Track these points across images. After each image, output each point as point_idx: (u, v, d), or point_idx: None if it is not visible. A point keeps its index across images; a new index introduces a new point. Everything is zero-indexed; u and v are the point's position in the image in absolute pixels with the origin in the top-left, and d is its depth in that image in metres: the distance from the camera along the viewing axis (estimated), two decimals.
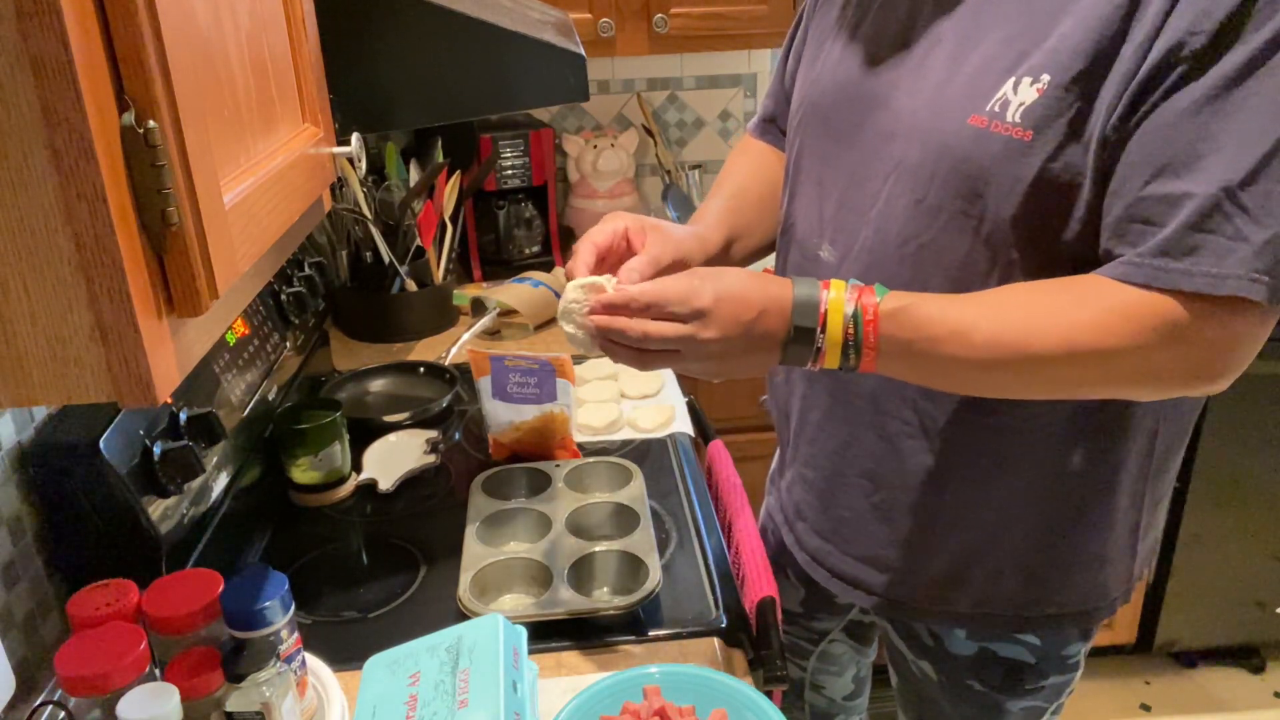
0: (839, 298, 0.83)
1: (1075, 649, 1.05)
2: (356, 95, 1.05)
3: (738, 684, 0.94)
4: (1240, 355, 0.80)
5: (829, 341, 0.83)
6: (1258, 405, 1.99)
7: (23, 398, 0.56)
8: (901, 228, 0.91)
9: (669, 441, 1.49)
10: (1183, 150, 0.75)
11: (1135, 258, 0.78)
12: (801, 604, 1.28)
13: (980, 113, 0.84)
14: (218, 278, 0.60)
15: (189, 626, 0.85)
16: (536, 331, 1.90)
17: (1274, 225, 0.74)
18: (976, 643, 1.04)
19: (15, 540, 0.99)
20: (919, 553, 1.01)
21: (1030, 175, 0.82)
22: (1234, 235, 0.74)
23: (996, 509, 0.97)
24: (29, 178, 0.51)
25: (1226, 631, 2.24)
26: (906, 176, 0.90)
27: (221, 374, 1.23)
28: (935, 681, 1.10)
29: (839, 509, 1.06)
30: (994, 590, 1.00)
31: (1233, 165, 0.74)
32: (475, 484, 1.31)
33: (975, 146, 0.84)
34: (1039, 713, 1.10)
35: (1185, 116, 0.75)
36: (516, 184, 2.12)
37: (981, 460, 0.95)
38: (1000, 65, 0.84)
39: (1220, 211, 0.74)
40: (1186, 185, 0.75)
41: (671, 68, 2.29)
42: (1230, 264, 0.75)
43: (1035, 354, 0.81)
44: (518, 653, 0.91)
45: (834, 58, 1.02)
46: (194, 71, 0.59)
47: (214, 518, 1.17)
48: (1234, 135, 0.74)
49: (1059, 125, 0.80)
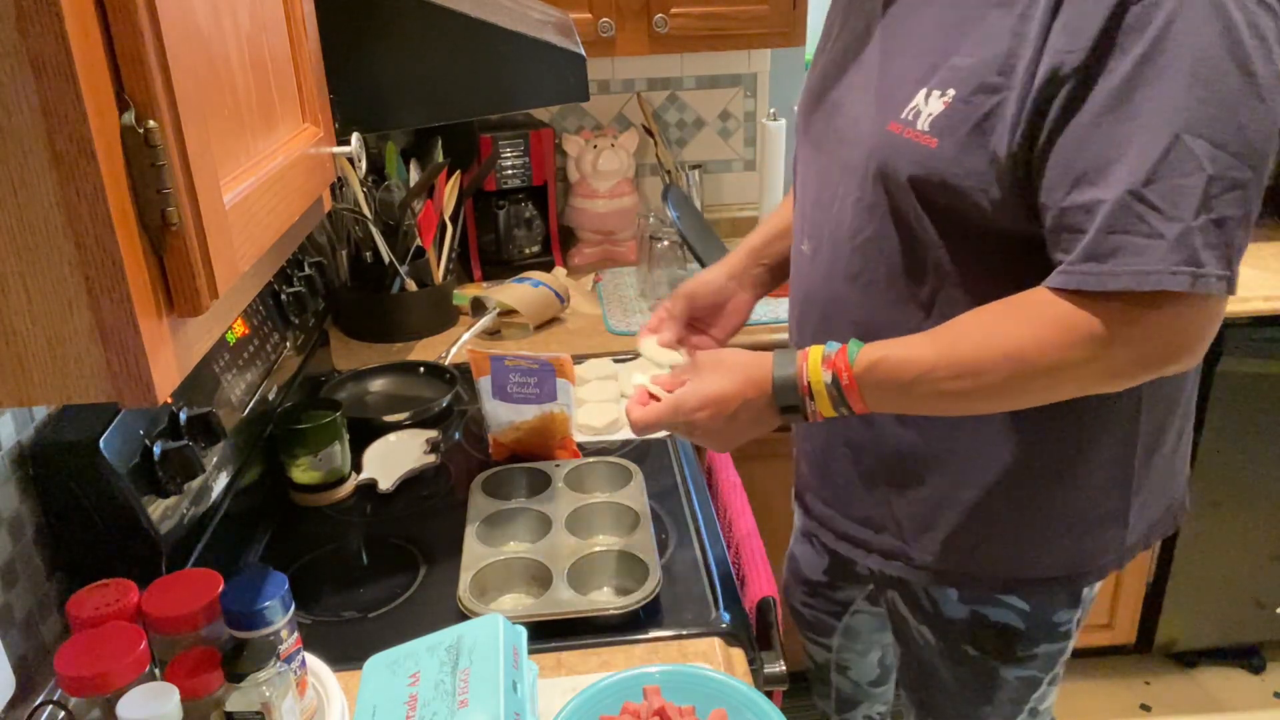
0: (816, 368, 0.94)
1: (1065, 616, 1.08)
2: (356, 95, 1.05)
3: (738, 684, 0.94)
4: (1192, 338, 0.83)
5: (820, 407, 0.95)
6: (1258, 405, 1.99)
7: (23, 398, 0.56)
8: (850, 223, 1.00)
9: (669, 441, 1.49)
10: (1093, 160, 0.81)
11: (1067, 265, 0.83)
12: (825, 572, 1.33)
13: (897, 120, 0.92)
14: (218, 277, 0.60)
15: (189, 626, 0.85)
16: (536, 331, 1.90)
17: (1185, 218, 0.78)
18: (968, 605, 1.08)
19: (15, 540, 0.99)
20: (905, 515, 1.07)
21: (938, 179, 0.89)
22: (1148, 233, 0.79)
23: (974, 474, 1.01)
24: (29, 178, 0.51)
25: (1226, 631, 2.24)
26: (851, 177, 0.99)
27: (221, 374, 1.23)
28: (935, 647, 1.13)
29: (834, 476, 1.13)
30: (979, 550, 1.04)
31: (1136, 167, 0.78)
32: (475, 484, 1.31)
33: (893, 151, 0.93)
34: (1034, 684, 1.12)
35: (1089, 129, 0.81)
36: (516, 184, 2.12)
37: (955, 430, 1.00)
38: (914, 77, 0.91)
39: (1131, 212, 0.79)
40: (1099, 192, 0.80)
41: (671, 68, 2.29)
42: (1151, 260, 0.79)
43: (992, 382, 0.87)
44: (518, 653, 0.91)
45: (817, 68, 1.10)
46: (194, 71, 0.59)
47: (214, 518, 1.17)
48: (1134, 139, 0.79)
49: (961, 135, 0.87)
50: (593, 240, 2.28)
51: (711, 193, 2.41)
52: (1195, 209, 0.78)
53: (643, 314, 1.95)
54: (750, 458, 1.80)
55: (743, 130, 2.36)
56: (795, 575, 1.41)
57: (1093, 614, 2.17)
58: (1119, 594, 2.17)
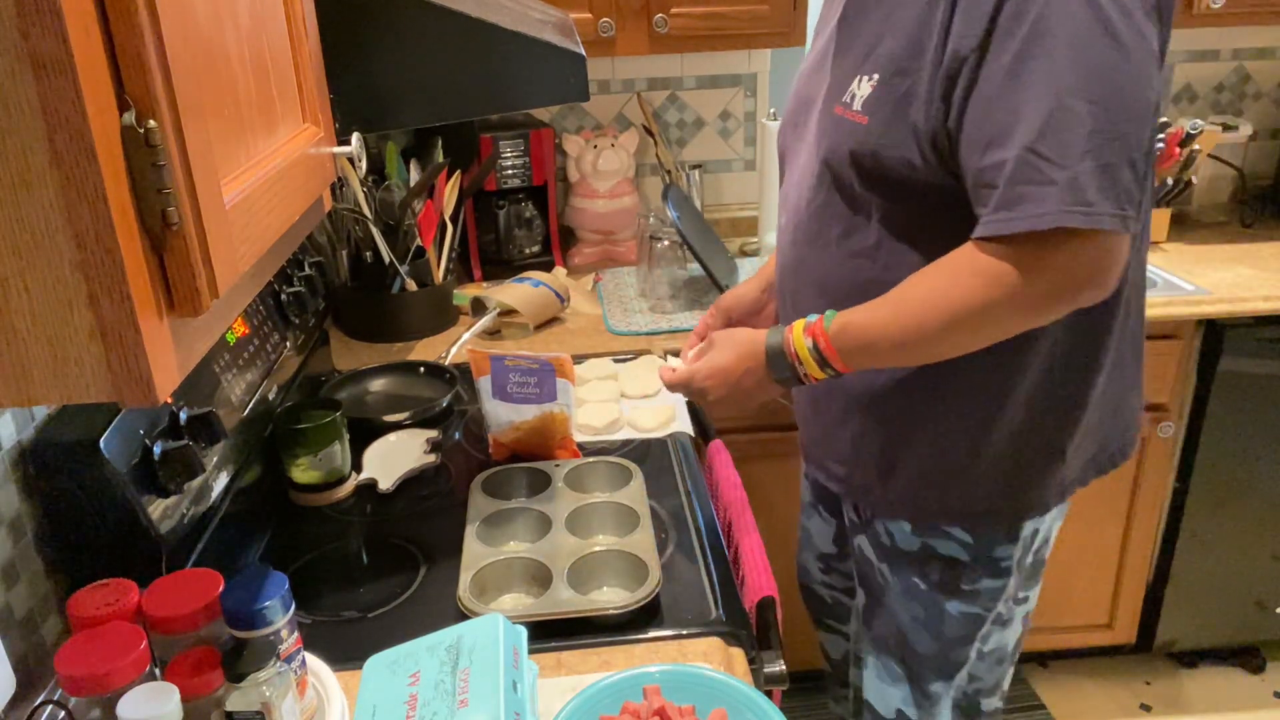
0: (799, 336, 1.10)
1: (1004, 551, 1.18)
2: (356, 95, 1.05)
3: (738, 684, 0.94)
4: (1094, 269, 0.96)
5: (809, 370, 1.10)
6: (1258, 405, 1.99)
7: (23, 398, 0.56)
8: (806, 192, 1.17)
9: (669, 441, 1.49)
10: (996, 126, 0.95)
11: (985, 217, 0.97)
12: (834, 540, 1.43)
13: (840, 103, 1.09)
14: (218, 277, 0.60)
15: (189, 626, 0.85)
16: (536, 331, 1.90)
17: (1072, 165, 0.91)
18: (919, 538, 1.20)
19: (15, 540, 0.99)
20: (861, 449, 1.21)
21: (870, 150, 1.05)
22: (1044, 181, 0.92)
23: (921, 417, 1.15)
24: (29, 177, 0.51)
25: (1226, 631, 2.24)
26: (808, 153, 1.16)
27: (221, 374, 1.23)
28: (892, 585, 1.24)
29: (820, 419, 1.28)
30: (927, 486, 1.17)
31: (1030, 128, 0.92)
32: (475, 484, 1.31)
33: (836, 129, 1.09)
34: (979, 621, 1.22)
35: (990, 100, 0.95)
36: (516, 184, 2.12)
37: (903, 379, 1.14)
38: (852, 65, 1.08)
39: (1030, 165, 0.92)
40: (1003, 153, 0.94)
41: (672, 67, 2.29)
42: (1048, 204, 0.92)
43: (935, 331, 1.01)
44: (518, 653, 0.91)
45: (801, 72, 1.26)
46: (194, 71, 0.59)
47: (214, 518, 1.17)
48: (1026, 106, 0.92)
49: (885, 112, 1.03)
50: (593, 240, 2.28)
51: (711, 193, 2.41)
52: (1079, 156, 0.91)
53: (642, 314, 1.95)
54: (750, 458, 1.81)
55: (743, 130, 2.37)
56: (810, 551, 1.49)
57: (1093, 614, 2.18)
58: (1119, 594, 2.18)
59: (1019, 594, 1.25)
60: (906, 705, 1.29)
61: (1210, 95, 2.44)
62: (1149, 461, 2.03)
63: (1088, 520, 2.09)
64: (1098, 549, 2.13)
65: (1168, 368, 1.95)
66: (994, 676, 1.29)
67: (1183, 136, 2.13)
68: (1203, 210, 2.39)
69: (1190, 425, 2.01)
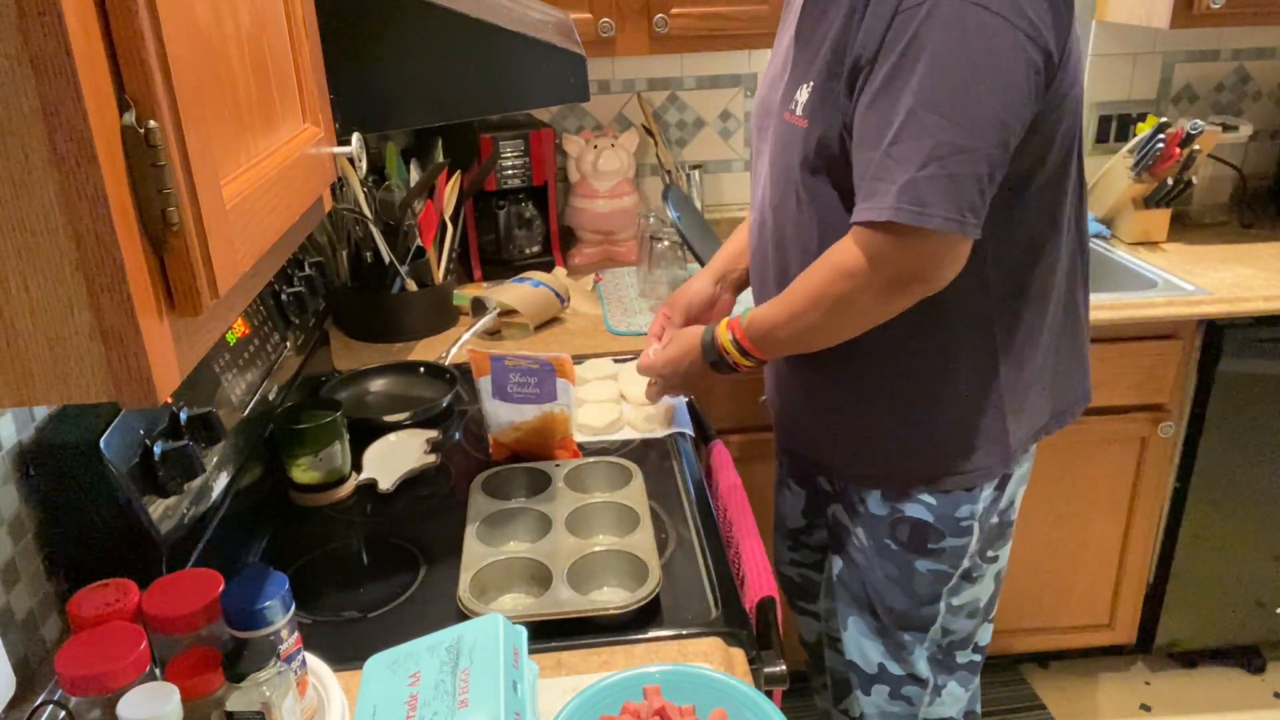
0: (724, 331, 1.30)
1: (965, 511, 1.29)
2: (356, 95, 1.05)
3: (738, 684, 0.94)
4: (926, 263, 1.09)
5: (735, 360, 1.30)
6: (1258, 405, 1.99)
7: (23, 398, 0.56)
8: (768, 191, 1.29)
9: (669, 441, 1.49)
10: (870, 130, 1.08)
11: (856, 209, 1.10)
12: (803, 513, 1.54)
13: (789, 109, 1.21)
14: (218, 277, 0.60)
15: (189, 626, 0.85)
16: (536, 331, 1.90)
17: (911, 169, 1.04)
18: (889, 503, 1.31)
19: (15, 540, 0.99)
20: (827, 427, 1.34)
21: (811, 150, 1.17)
22: (890, 180, 1.05)
23: (873, 397, 1.27)
24: (29, 178, 0.51)
25: (1226, 631, 2.23)
26: (769, 156, 1.29)
27: (221, 374, 1.23)
28: (866, 547, 1.35)
29: (787, 404, 1.42)
30: (891, 457, 1.29)
31: (890, 133, 1.05)
32: (475, 484, 1.31)
33: (787, 133, 1.22)
34: (945, 577, 1.33)
35: (869, 107, 1.08)
36: (517, 184, 2.12)
37: (844, 351, 1.23)
38: (798, 75, 1.20)
39: (883, 166, 1.06)
40: (872, 153, 1.07)
41: (672, 68, 2.29)
42: (888, 200, 1.05)
43: (813, 320, 1.17)
44: (518, 653, 0.91)
45: (762, 82, 1.37)
46: (195, 71, 0.59)
47: (214, 518, 1.17)
48: (891, 113, 1.05)
49: (821, 115, 1.15)
50: (593, 240, 2.28)
51: (711, 193, 2.41)
52: (921, 163, 1.03)
53: (643, 314, 1.95)
54: (750, 458, 1.81)
55: (743, 130, 2.37)
56: (780, 532, 1.60)
57: (1093, 614, 2.18)
58: (1119, 594, 2.18)
59: (988, 553, 1.36)
60: (886, 659, 1.39)
61: (1210, 95, 2.44)
62: (1149, 461, 2.03)
63: (1088, 520, 2.09)
64: (1098, 549, 2.13)
65: (1168, 368, 1.95)
66: (966, 629, 1.40)
67: (1183, 136, 2.13)
68: (1203, 210, 2.39)
69: (1190, 425, 2.01)
